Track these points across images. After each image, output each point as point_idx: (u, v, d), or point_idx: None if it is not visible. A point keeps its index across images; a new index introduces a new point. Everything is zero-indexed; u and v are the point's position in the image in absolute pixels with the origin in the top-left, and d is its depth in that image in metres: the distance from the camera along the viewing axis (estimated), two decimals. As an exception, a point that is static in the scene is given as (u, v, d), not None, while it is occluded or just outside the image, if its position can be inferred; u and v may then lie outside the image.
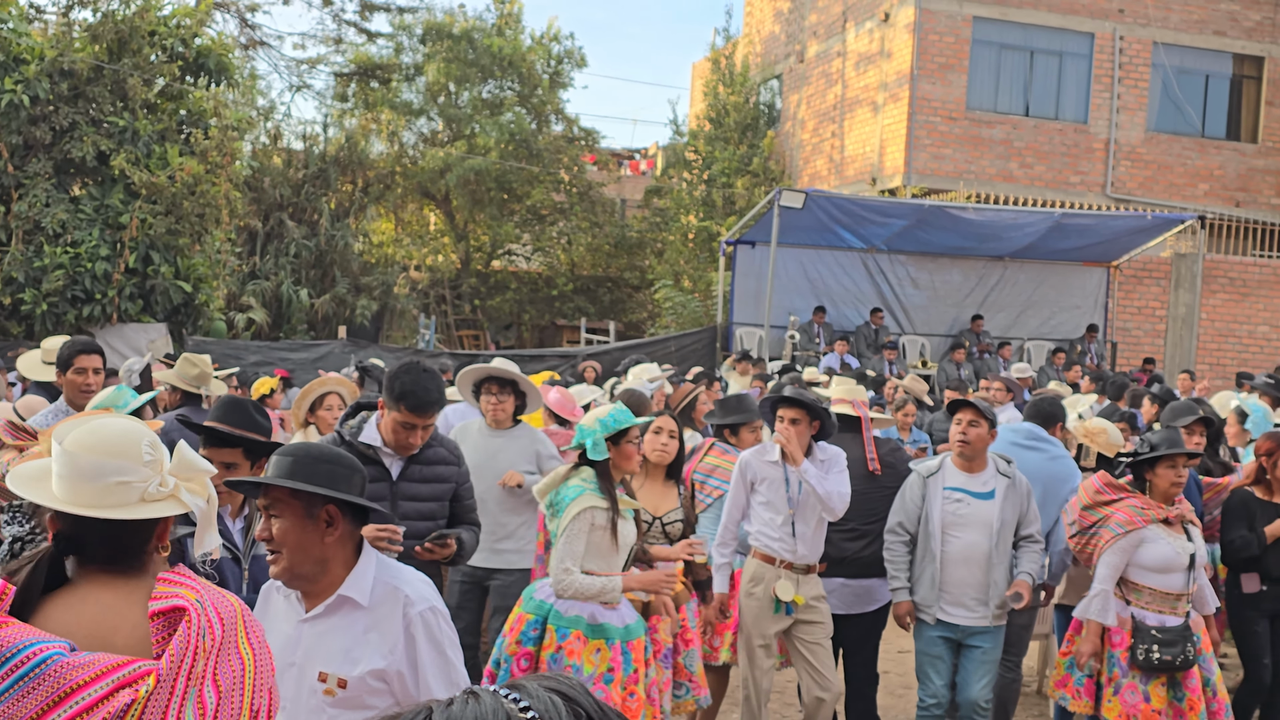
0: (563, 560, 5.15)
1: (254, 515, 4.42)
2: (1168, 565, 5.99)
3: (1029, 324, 21.29)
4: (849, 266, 20.54)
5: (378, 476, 4.92)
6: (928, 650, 6.19)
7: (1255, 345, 22.49)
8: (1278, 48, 24.95)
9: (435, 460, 5.19)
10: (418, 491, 5.13)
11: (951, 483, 6.15)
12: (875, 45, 24.65)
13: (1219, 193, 24.79)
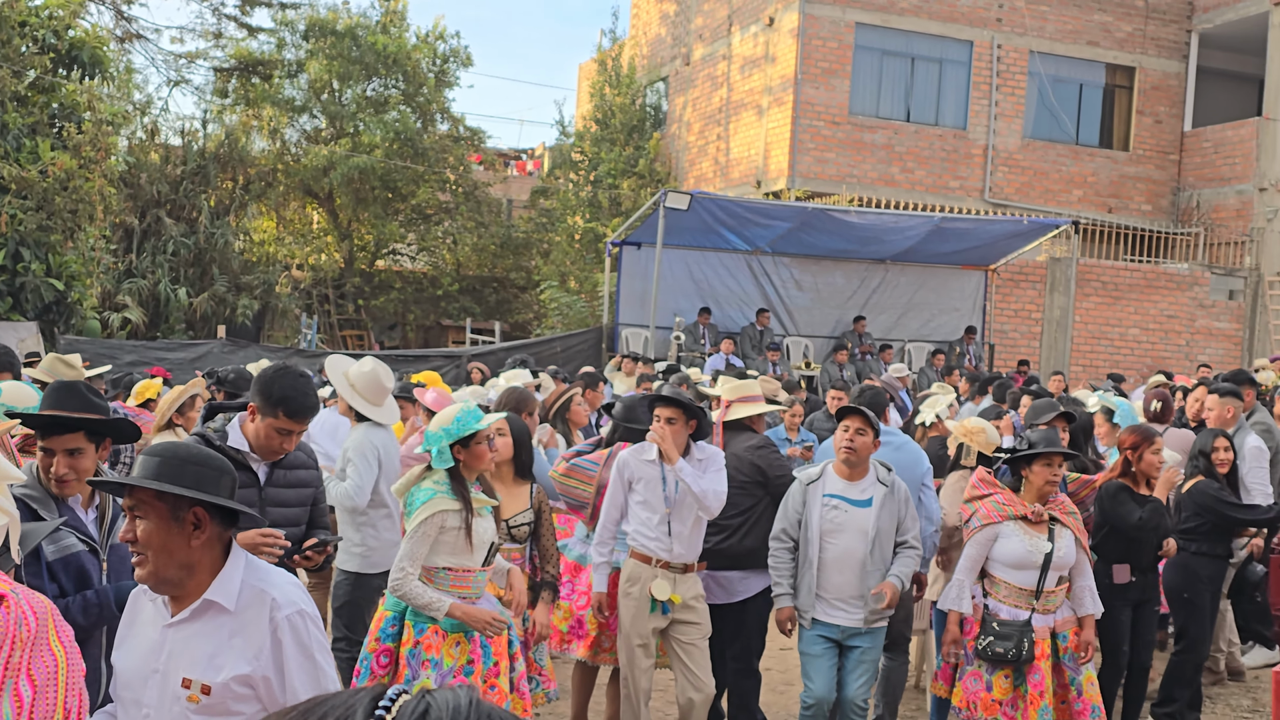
0: (401, 560, 5.17)
1: (107, 505, 4.32)
2: (1021, 562, 6.15)
3: (910, 326, 21.63)
4: (734, 268, 20.68)
5: (247, 483, 4.82)
6: (809, 651, 6.24)
7: (1126, 347, 23.13)
8: (1148, 58, 25.70)
9: (297, 465, 5.11)
10: (284, 497, 5.05)
11: (831, 490, 6.20)
12: (760, 49, 24.87)
13: (1092, 199, 25.45)
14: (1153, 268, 23.74)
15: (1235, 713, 8.13)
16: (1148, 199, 25.92)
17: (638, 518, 6.32)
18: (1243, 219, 24.31)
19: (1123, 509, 6.94)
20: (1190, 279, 23.61)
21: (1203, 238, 24.94)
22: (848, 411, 6.25)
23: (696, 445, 6.28)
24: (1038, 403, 8.04)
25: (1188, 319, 23.56)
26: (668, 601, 6.22)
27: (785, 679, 8.62)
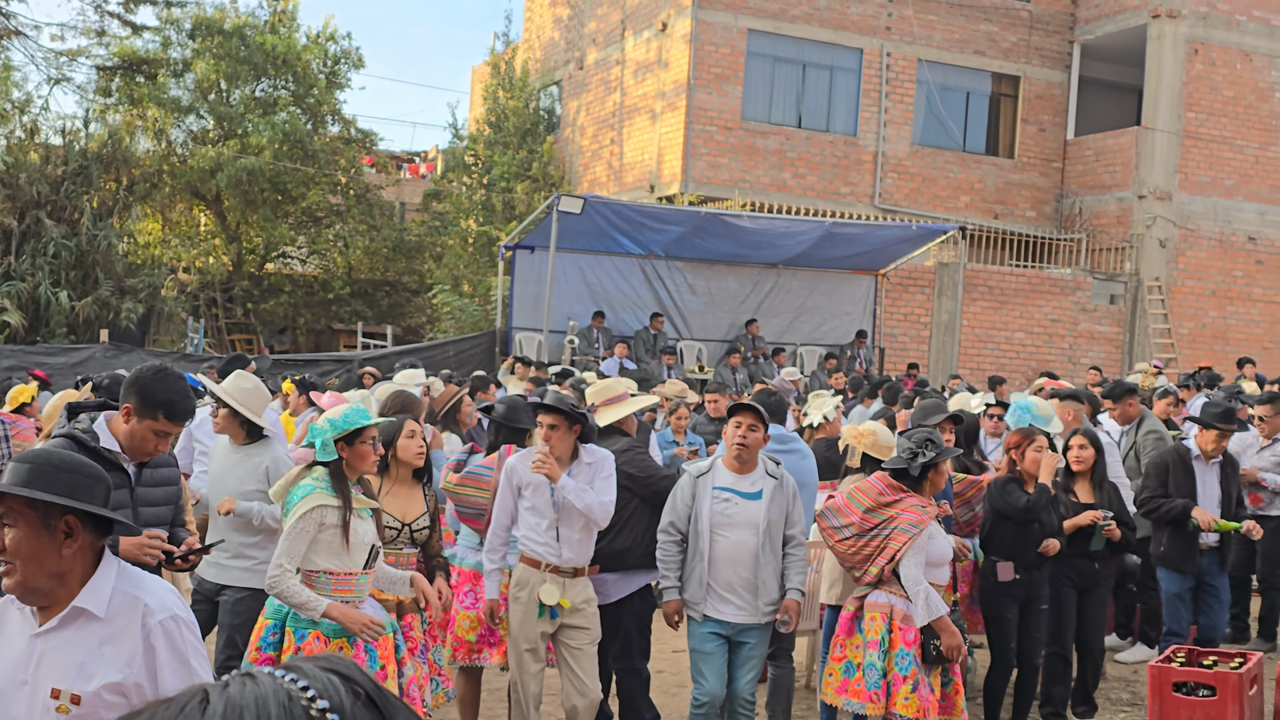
0: (279, 558, 5.09)
1: None
2: (944, 558, 6.25)
3: (802, 330, 21.83)
4: (628, 272, 20.70)
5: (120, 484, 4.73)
6: (700, 648, 6.23)
7: (1012, 350, 23.59)
8: (1032, 68, 26.26)
9: (161, 463, 5.06)
10: (154, 496, 4.99)
11: (721, 483, 6.21)
12: (653, 54, 24.94)
13: (979, 205, 25.92)
14: (1037, 273, 24.25)
15: (1115, 706, 8.31)
16: (1032, 205, 26.47)
17: (526, 523, 6.29)
18: (1123, 225, 24.94)
19: (1010, 496, 7.07)
20: (1073, 284, 24.15)
21: (1085, 244, 25.53)
22: (740, 408, 6.28)
23: (585, 448, 6.28)
24: (925, 404, 8.16)
25: (1071, 323, 24.10)
26: (556, 606, 6.18)
27: (677, 680, 8.63)
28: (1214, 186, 24.88)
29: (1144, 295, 24.34)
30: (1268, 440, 10.14)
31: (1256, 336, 25.05)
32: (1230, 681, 6.13)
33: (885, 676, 6.08)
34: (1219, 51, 24.85)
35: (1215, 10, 24.79)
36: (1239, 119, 25.00)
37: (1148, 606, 9.38)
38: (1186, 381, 15.19)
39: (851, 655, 6.20)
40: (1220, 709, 6.11)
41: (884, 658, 6.11)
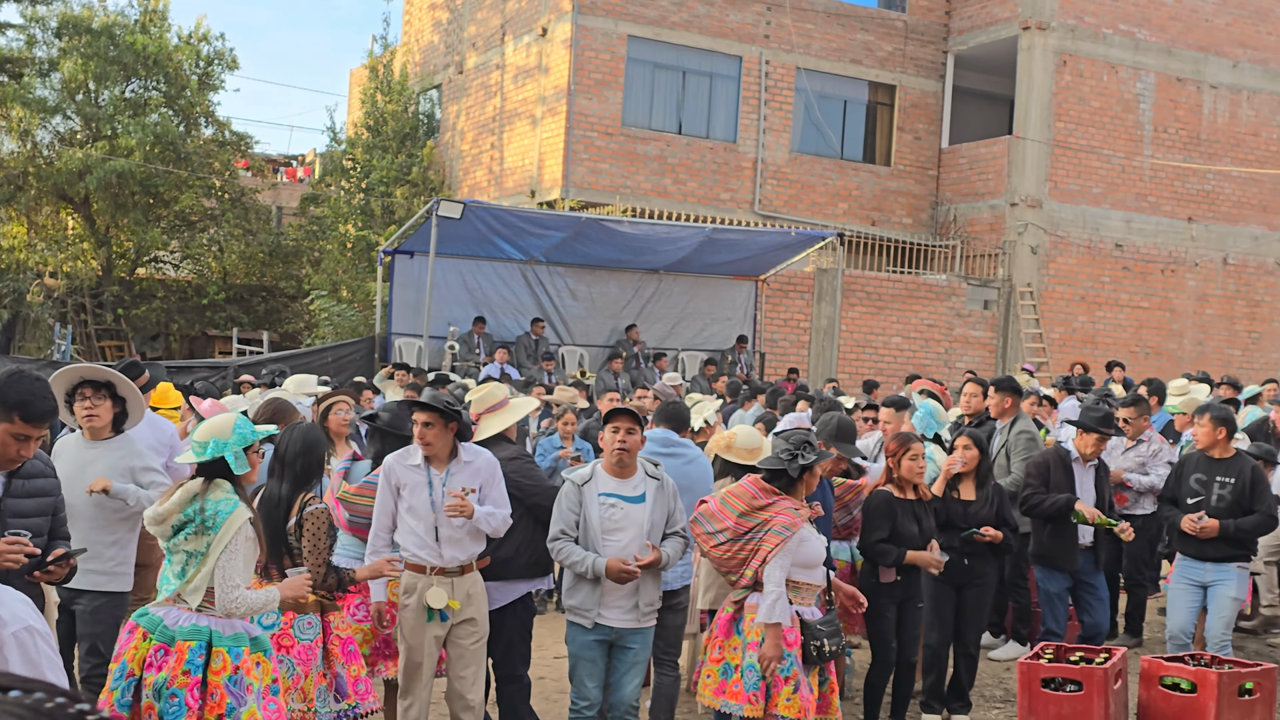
0: (231, 578, 5.00)
1: None
2: (816, 560, 6.27)
3: (683, 335, 21.92)
4: (508, 277, 20.61)
5: None
6: (583, 654, 6.21)
7: (890, 355, 23.94)
8: (908, 77, 26.70)
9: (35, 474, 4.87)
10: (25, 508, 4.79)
11: (605, 489, 6.20)
12: (533, 59, 24.87)
13: (857, 212, 26.28)
14: (914, 278, 24.65)
15: (989, 703, 8.45)
16: (908, 213, 26.91)
17: (406, 525, 6.23)
18: (996, 232, 25.47)
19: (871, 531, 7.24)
20: (948, 289, 24.60)
21: (959, 250, 26.02)
22: (617, 413, 6.27)
23: (464, 447, 6.27)
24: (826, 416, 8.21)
25: (946, 328, 24.54)
26: (445, 609, 6.14)
27: (559, 687, 8.59)
28: (1083, 194, 25.53)
29: (1016, 300, 24.88)
30: (1132, 442, 10.41)
31: (1124, 340, 25.75)
32: (1096, 676, 6.26)
33: (764, 678, 6.09)
34: (1086, 63, 25.52)
35: (1083, 23, 25.45)
36: (1106, 129, 25.69)
37: (1019, 604, 9.57)
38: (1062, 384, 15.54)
39: (729, 657, 6.20)
40: (1086, 703, 6.23)
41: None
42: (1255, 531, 7.98)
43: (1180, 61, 26.35)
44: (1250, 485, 7.96)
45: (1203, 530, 7.91)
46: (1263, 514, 7.90)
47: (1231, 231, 26.95)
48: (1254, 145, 27.09)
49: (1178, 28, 26.32)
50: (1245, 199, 27.09)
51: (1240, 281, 27.12)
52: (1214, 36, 26.67)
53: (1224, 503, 7.96)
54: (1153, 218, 26.17)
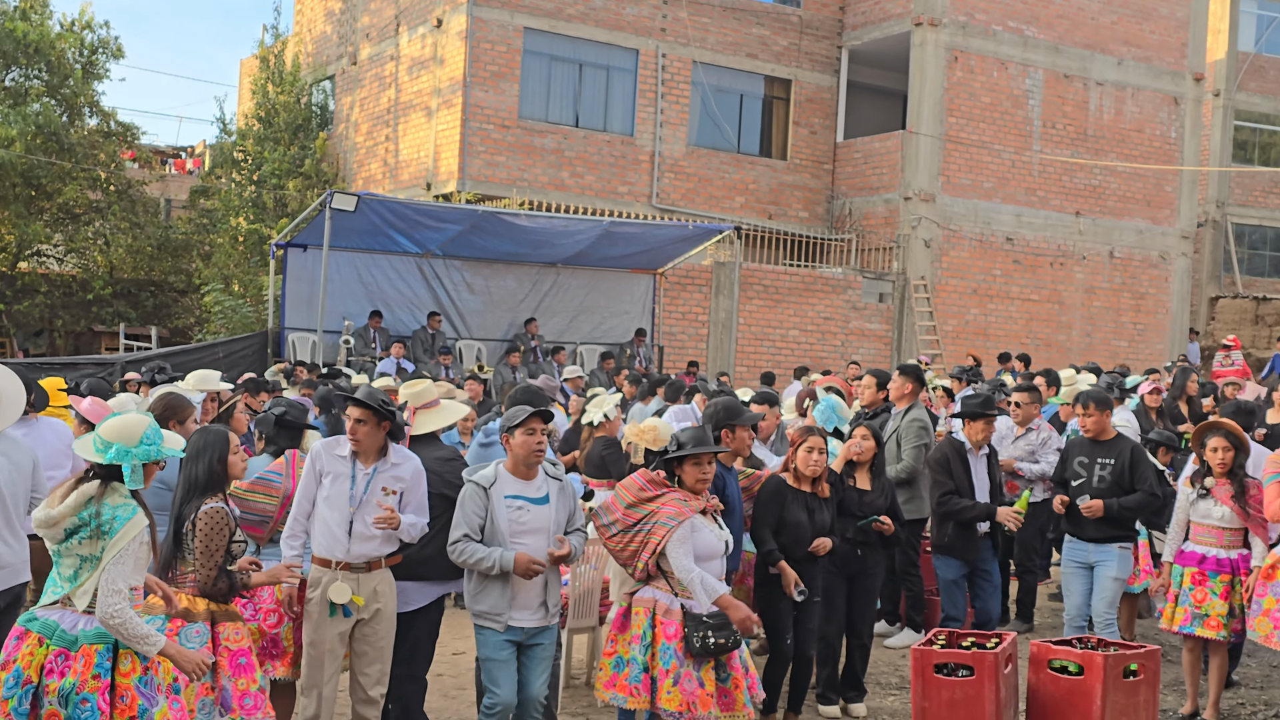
0: (114, 582, 4.84)
1: None
2: (712, 552, 6.26)
3: (581, 328, 21.87)
4: (404, 271, 20.41)
5: None
6: (495, 656, 6.13)
7: (787, 348, 24.11)
8: (803, 72, 26.90)
9: None
10: None
11: (510, 491, 6.15)
12: (428, 51, 24.64)
13: (753, 205, 26.43)
14: (810, 272, 24.85)
15: (885, 690, 8.53)
16: (805, 206, 27.12)
17: (319, 516, 6.18)
18: (890, 226, 25.78)
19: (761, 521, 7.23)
20: (844, 283, 24.84)
21: (855, 244, 26.29)
22: (531, 415, 6.23)
23: (394, 448, 6.26)
24: (723, 400, 8.19)
25: (842, 321, 24.79)
26: (349, 604, 6.08)
27: (457, 683, 8.52)
28: (974, 189, 25.94)
29: (910, 293, 25.21)
30: (1022, 429, 10.58)
31: (1015, 333, 26.22)
32: (986, 661, 6.34)
33: (648, 671, 6.10)
34: (977, 59, 25.92)
35: (973, 20, 25.84)
36: (996, 124, 26.12)
37: (912, 593, 9.67)
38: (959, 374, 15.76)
39: (621, 650, 6.22)
40: (978, 688, 6.30)
41: (646, 652, 6.14)
42: (1139, 509, 8.17)
43: (1067, 59, 26.89)
44: (1130, 465, 8.14)
45: (1089, 510, 8.07)
46: (1144, 492, 8.09)
47: (1118, 226, 27.57)
48: (1138, 141, 27.74)
49: (1065, 25, 26.85)
50: (1130, 194, 27.73)
51: (1126, 274, 27.76)
52: (1100, 34, 27.25)
53: (1104, 483, 8.14)
54: (1042, 212, 26.67)
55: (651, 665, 6.12)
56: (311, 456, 6.25)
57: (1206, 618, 7.68)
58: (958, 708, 6.34)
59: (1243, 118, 34.25)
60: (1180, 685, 8.42)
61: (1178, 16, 28.17)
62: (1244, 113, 34.21)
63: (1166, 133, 28.13)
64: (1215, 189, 33.34)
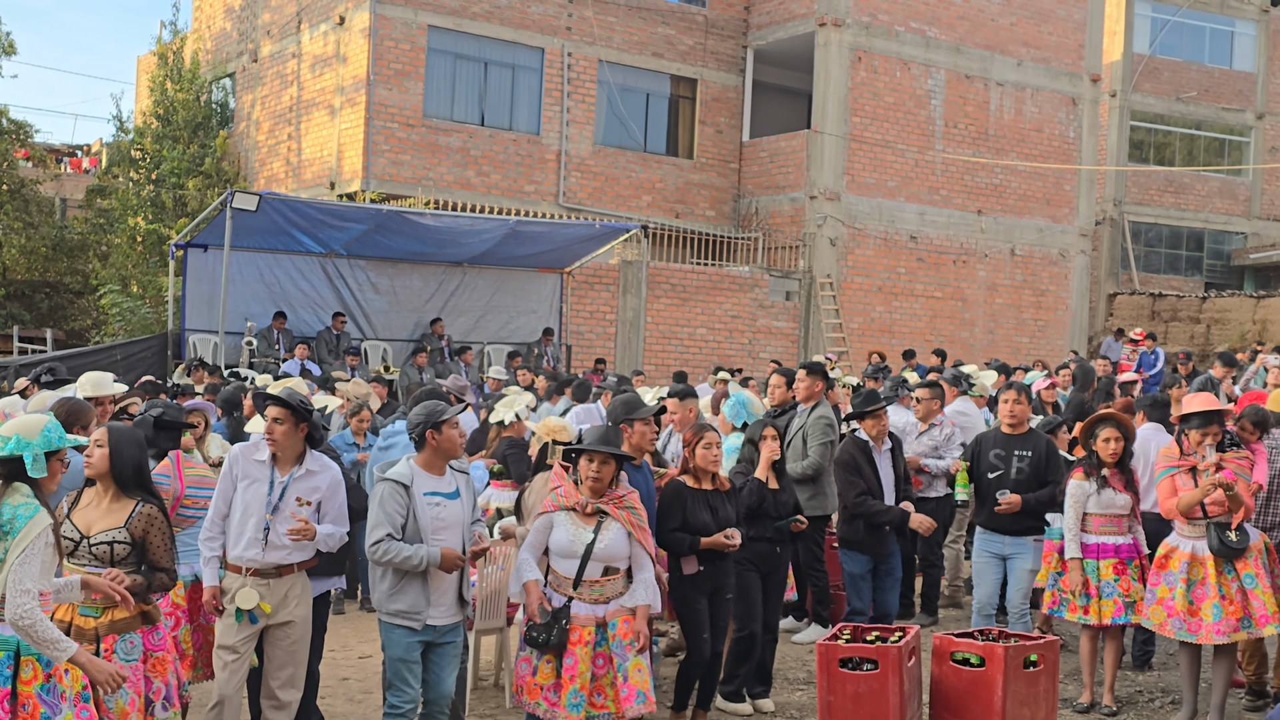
0: (22, 582, 4.70)
1: None
2: (565, 551, 6.34)
3: (489, 328, 21.75)
4: (308, 271, 20.15)
5: None
6: (406, 656, 6.11)
7: (695, 346, 24.19)
8: (709, 71, 27.00)
9: None
10: None
11: (426, 487, 6.14)
12: (331, 48, 24.36)
13: (660, 204, 26.48)
14: (717, 270, 24.95)
15: (792, 685, 8.57)
16: (711, 205, 27.23)
17: (233, 521, 6.14)
18: (796, 225, 25.96)
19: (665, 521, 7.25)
20: (751, 281, 24.98)
21: (762, 242, 26.45)
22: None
23: (312, 455, 6.24)
24: (624, 398, 8.18)
25: (750, 319, 24.92)
26: (255, 610, 6.04)
27: (364, 687, 8.46)
28: (878, 188, 26.22)
29: (817, 291, 25.41)
30: (925, 425, 10.70)
31: (919, 330, 26.55)
32: (890, 655, 6.40)
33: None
34: (880, 60, 26.20)
35: (876, 21, 26.12)
36: (900, 124, 26.43)
37: (817, 588, 9.72)
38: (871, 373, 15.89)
39: None
40: (882, 681, 6.37)
41: None
42: (1049, 503, 8.29)
43: (968, 59, 27.28)
44: (1045, 458, 8.29)
45: (1008, 505, 8.19)
46: (1054, 485, 8.24)
47: (1018, 224, 28.03)
48: (1038, 141, 28.23)
49: (966, 26, 27.24)
50: (1030, 192, 28.21)
51: (1027, 271, 28.24)
52: (999, 36, 27.69)
53: (1023, 475, 8.30)
54: (944, 210, 27.03)
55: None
56: (229, 460, 6.23)
57: (1135, 603, 7.83)
58: (862, 701, 6.39)
59: (1138, 118, 35.00)
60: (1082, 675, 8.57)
61: (1075, 19, 28.71)
62: (1139, 113, 34.97)
63: (1065, 132, 28.66)
64: (1112, 188, 34.05)
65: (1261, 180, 36.12)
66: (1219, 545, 7.39)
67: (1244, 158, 36.26)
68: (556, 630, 6.13)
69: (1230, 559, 7.44)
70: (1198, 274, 35.86)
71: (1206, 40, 35.80)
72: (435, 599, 6.13)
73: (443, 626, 6.18)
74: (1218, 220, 35.91)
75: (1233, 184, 36.20)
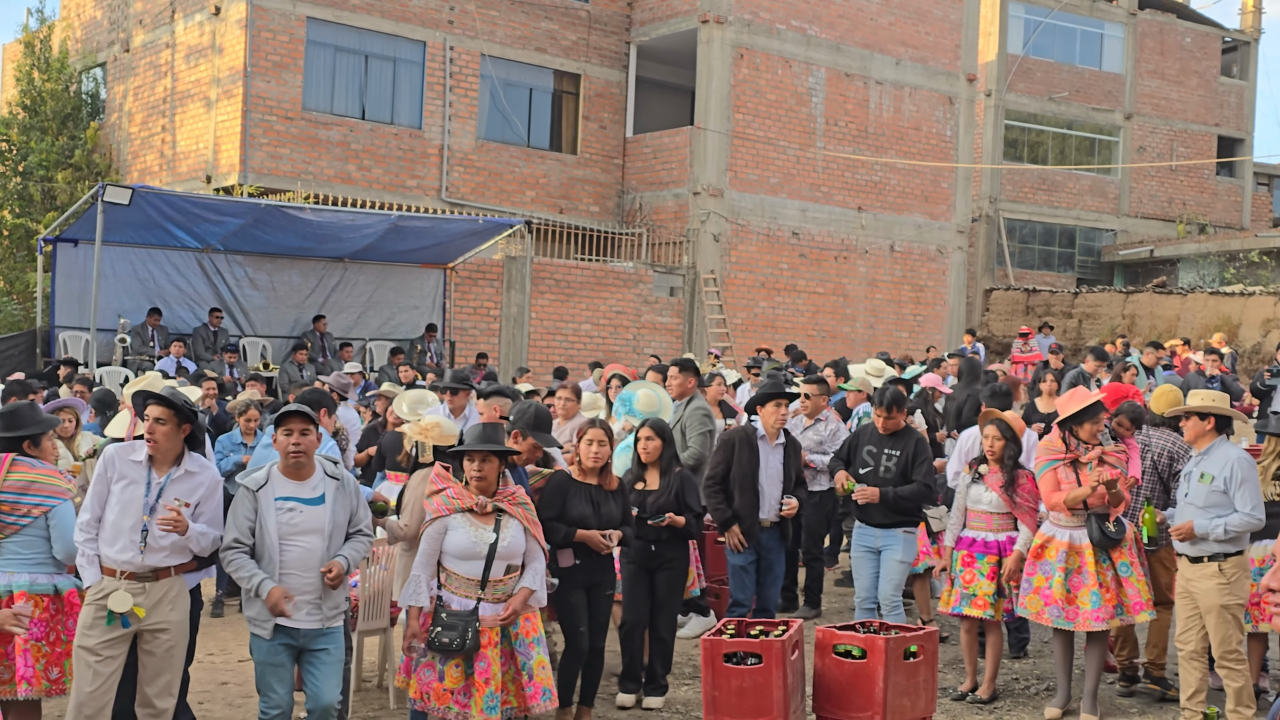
0: None
1: None
2: (466, 553, 6.26)
3: (370, 324, 21.51)
4: (183, 266, 19.74)
5: None
6: (270, 660, 6.06)
7: (580, 342, 24.17)
8: (592, 66, 26.97)
9: None
10: None
11: (282, 493, 6.06)
12: (206, 39, 23.84)
13: (544, 200, 26.39)
14: (602, 266, 24.95)
15: (680, 680, 8.60)
16: (595, 201, 27.22)
17: (108, 522, 6.00)
18: (680, 221, 26.06)
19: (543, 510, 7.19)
20: (635, 277, 25.02)
21: (646, 238, 26.50)
22: (288, 415, 6.13)
23: (190, 456, 6.13)
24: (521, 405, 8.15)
25: (634, 314, 24.96)
26: (128, 614, 5.92)
27: (243, 691, 8.32)
28: (761, 184, 26.42)
29: (701, 287, 25.54)
30: (810, 420, 10.82)
31: (802, 325, 26.84)
32: (774, 649, 6.45)
33: (407, 656, 6.32)
34: (762, 57, 26.41)
35: (758, 18, 26.31)
36: (781, 121, 26.66)
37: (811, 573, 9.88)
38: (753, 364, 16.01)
39: None
40: (766, 675, 6.41)
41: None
42: (913, 499, 8.47)
43: (848, 58, 27.62)
44: (913, 457, 8.43)
45: (861, 496, 8.34)
46: (920, 483, 8.38)
47: (898, 220, 28.47)
48: (916, 139, 28.69)
49: (845, 25, 27.58)
50: (909, 189, 28.67)
51: (906, 267, 28.70)
52: (878, 35, 28.08)
53: (890, 473, 8.46)
54: (826, 207, 27.34)
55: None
56: (104, 461, 6.10)
57: (974, 598, 8.10)
58: (746, 695, 6.43)
59: (1013, 117, 35.77)
60: (962, 663, 8.73)
61: (951, 19, 29.23)
62: (1014, 112, 35.73)
63: (942, 131, 29.17)
64: (988, 185, 34.76)
65: (1130, 179, 37.15)
66: (1100, 536, 7.65)
67: (1113, 156, 37.26)
68: (471, 634, 6.09)
69: (1108, 549, 7.70)
70: (1070, 270, 36.76)
71: (1077, 42, 36.70)
72: (295, 604, 6.01)
73: (307, 632, 6.07)
74: (1089, 218, 36.86)
75: (1103, 182, 37.18)
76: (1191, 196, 38.30)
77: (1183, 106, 37.97)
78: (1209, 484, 7.31)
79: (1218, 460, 7.37)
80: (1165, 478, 8.42)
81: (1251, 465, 7.39)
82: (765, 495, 8.80)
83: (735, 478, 8.70)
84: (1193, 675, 7.44)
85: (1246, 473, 7.28)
